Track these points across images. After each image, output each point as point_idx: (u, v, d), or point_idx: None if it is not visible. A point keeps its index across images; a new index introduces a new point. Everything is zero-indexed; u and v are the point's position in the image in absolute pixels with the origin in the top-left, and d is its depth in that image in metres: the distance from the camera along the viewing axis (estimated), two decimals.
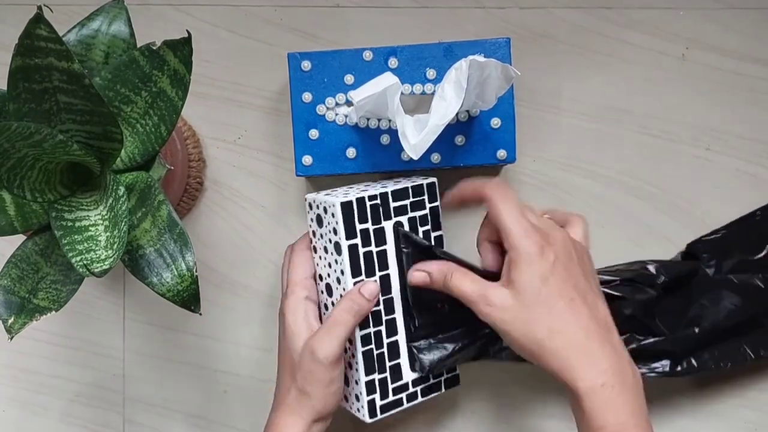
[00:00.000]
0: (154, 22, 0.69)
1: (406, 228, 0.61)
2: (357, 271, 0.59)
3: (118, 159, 0.53)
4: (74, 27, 0.54)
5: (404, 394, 0.62)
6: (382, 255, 0.60)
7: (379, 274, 0.60)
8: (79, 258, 0.47)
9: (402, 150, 0.63)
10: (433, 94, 0.61)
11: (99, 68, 0.54)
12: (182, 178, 0.66)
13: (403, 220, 0.61)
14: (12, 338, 0.53)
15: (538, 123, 0.70)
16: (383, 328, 0.60)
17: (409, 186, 0.61)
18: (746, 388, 0.69)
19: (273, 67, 0.69)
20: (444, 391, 0.64)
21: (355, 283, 0.59)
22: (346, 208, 0.58)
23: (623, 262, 0.67)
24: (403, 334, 0.61)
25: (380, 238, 0.60)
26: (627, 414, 0.51)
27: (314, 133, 0.64)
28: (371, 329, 0.60)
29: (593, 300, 0.55)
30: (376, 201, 0.59)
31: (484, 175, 0.69)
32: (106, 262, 0.47)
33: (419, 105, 0.64)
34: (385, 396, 0.61)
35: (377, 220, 0.59)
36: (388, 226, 0.60)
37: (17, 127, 0.43)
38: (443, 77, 0.56)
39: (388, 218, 0.60)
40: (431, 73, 0.63)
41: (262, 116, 0.70)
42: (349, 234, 0.58)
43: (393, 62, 0.63)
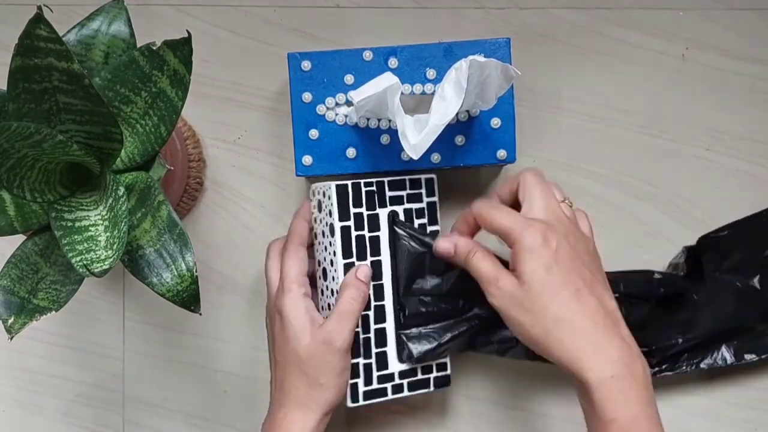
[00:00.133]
0: (154, 22, 0.69)
1: (402, 218, 0.62)
2: (348, 253, 0.60)
3: (118, 159, 0.53)
4: (74, 27, 0.54)
5: (389, 385, 0.62)
6: (375, 241, 0.61)
7: (371, 260, 0.61)
8: (79, 258, 0.47)
9: (402, 150, 0.63)
10: (433, 94, 0.61)
11: (99, 68, 0.54)
12: (182, 178, 0.66)
13: (399, 210, 0.62)
14: (12, 338, 0.53)
15: (538, 123, 0.69)
16: (371, 313, 0.61)
17: (407, 178, 0.62)
18: (746, 388, 0.69)
19: (273, 67, 0.69)
20: (433, 389, 0.64)
21: (345, 265, 0.60)
22: (340, 190, 0.60)
23: (625, 265, 0.67)
24: (391, 323, 0.62)
25: (374, 224, 0.61)
26: (638, 407, 0.51)
27: (314, 133, 0.64)
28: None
29: (601, 292, 0.54)
30: (372, 188, 0.61)
31: (484, 175, 0.69)
32: (106, 263, 0.47)
33: (419, 105, 0.64)
34: (369, 382, 0.62)
35: (372, 206, 0.61)
36: (383, 214, 0.61)
37: (17, 127, 0.43)
38: (443, 77, 0.56)
39: (383, 206, 0.61)
40: (431, 73, 0.63)
41: (262, 116, 0.70)
42: (342, 216, 0.60)
43: (393, 62, 0.63)
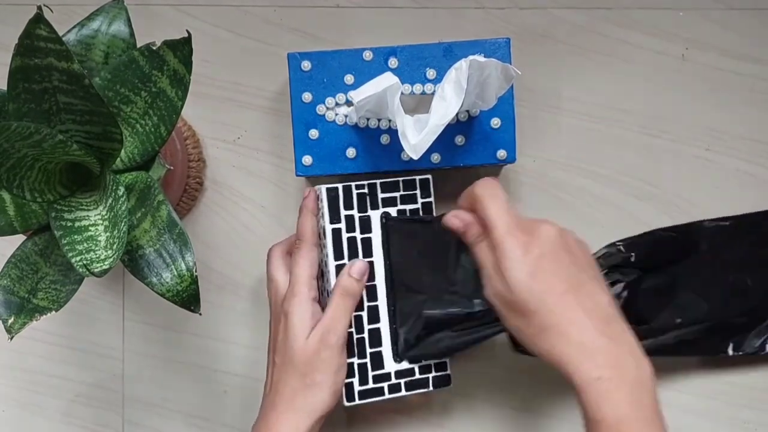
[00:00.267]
0: (154, 22, 0.69)
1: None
2: (339, 255, 0.61)
3: (118, 159, 0.53)
4: (74, 27, 0.54)
5: (386, 384, 0.62)
6: (367, 242, 0.61)
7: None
8: (78, 258, 0.47)
9: (402, 150, 0.63)
10: (433, 94, 0.61)
11: (99, 68, 0.54)
12: (182, 178, 0.66)
13: (392, 212, 0.62)
14: (12, 338, 0.53)
15: (538, 123, 0.69)
16: (364, 314, 0.61)
17: (400, 180, 0.62)
18: (746, 388, 0.69)
19: (273, 67, 0.69)
20: (432, 389, 0.63)
21: (336, 266, 0.60)
22: (331, 193, 0.61)
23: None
24: (386, 323, 0.62)
25: (366, 226, 0.61)
26: (626, 408, 0.51)
27: (314, 133, 0.64)
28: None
29: (590, 290, 0.54)
30: (363, 190, 0.61)
31: (484, 175, 0.69)
32: (106, 262, 0.47)
33: (419, 105, 0.64)
34: (364, 382, 0.62)
35: (363, 208, 0.61)
36: (375, 216, 0.62)
37: (17, 127, 0.43)
38: (443, 77, 0.56)
39: (375, 208, 0.62)
40: (431, 73, 0.63)
41: (261, 116, 0.70)
42: (333, 218, 0.61)
43: (393, 62, 0.63)
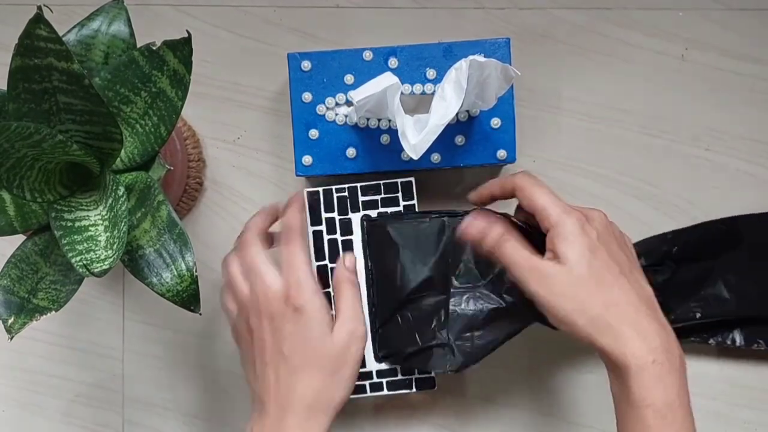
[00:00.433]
0: (154, 22, 0.69)
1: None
2: (321, 256, 0.63)
3: (118, 159, 0.53)
4: (74, 27, 0.54)
5: (367, 382, 0.63)
6: (348, 244, 0.63)
7: None
8: (78, 258, 0.47)
9: (402, 150, 0.63)
10: (433, 94, 0.61)
11: (99, 68, 0.54)
12: (182, 178, 0.66)
13: (373, 214, 0.63)
14: (12, 338, 0.53)
15: (538, 123, 0.69)
16: None
17: (381, 183, 0.63)
18: (746, 388, 0.69)
19: (273, 67, 0.69)
20: (416, 391, 0.64)
21: (317, 267, 0.62)
22: (311, 196, 0.63)
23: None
24: (367, 324, 0.62)
25: (347, 228, 0.63)
26: (674, 393, 0.51)
27: (314, 133, 0.64)
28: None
29: (637, 278, 0.55)
30: (344, 193, 0.63)
31: (484, 175, 0.69)
32: (106, 263, 0.47)
33: (419, 105, 0.64)
34: None
35: (344, 211, 0.63)
36: (356, 218, 0.63)
37: (17, 127, 0.43)
38: (443, 77, 0.56)
39: (356, 210, 0.63)
40: (431, 73, 0.63)
41: (261, 116, 0.70)
42: (314, 221, 0.63)
43: (393, 62, 0.63)
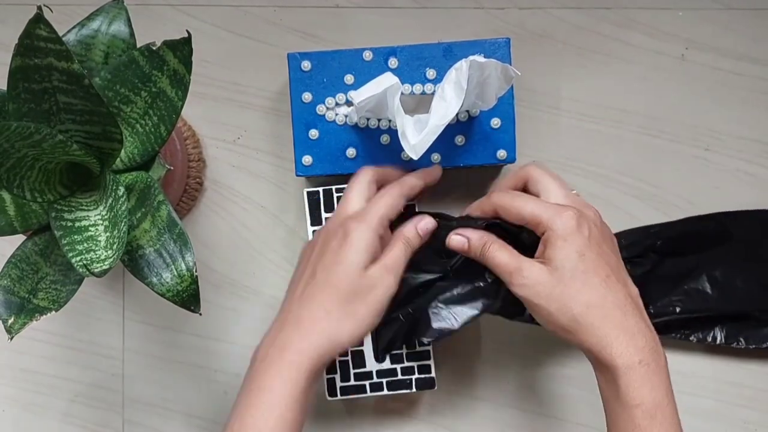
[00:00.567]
0: (154, 22, 0.69)
1: None
2: None
3: (118, 159, 0.53)
4: (74, 27, 0.54)
5: (367, 382, 0.64)
6: None
7: None
8: (78, 258, 0.47)
9: (402, 150, 0.63)
10: (433, 94, 0.61)
11: (99, 68, 0.54)
12: (182, 178, 0.66)
13: None
14: (12, 338, 0.53)
15: (538, 123, 0.70)
16: None
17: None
18: (746, 388, 0.69)
19: (273, 67, 0.69)
20: (416, 391, 0.65)
21: None
22: (311, 196, 0.64)
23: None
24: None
25: None
26: (662, 393, 0.51)
27: (314, 133, 0.64)
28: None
29: (625, 278, 0.55)
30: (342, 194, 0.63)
31: (484, 175, 0.69)
32: (106, 262, 0.47)
33: (419, 105, 0.64)
34: (346, 379, 0.64)
35: None
36: None
37: (17, 127, 0.43)
38: (443, 77, 0.56)
39: None
40: (431, 73, 0.63)
41: (262, 116, 0.70)
42: (314, 221, 0.64)
43: (393, 62, 0.63)
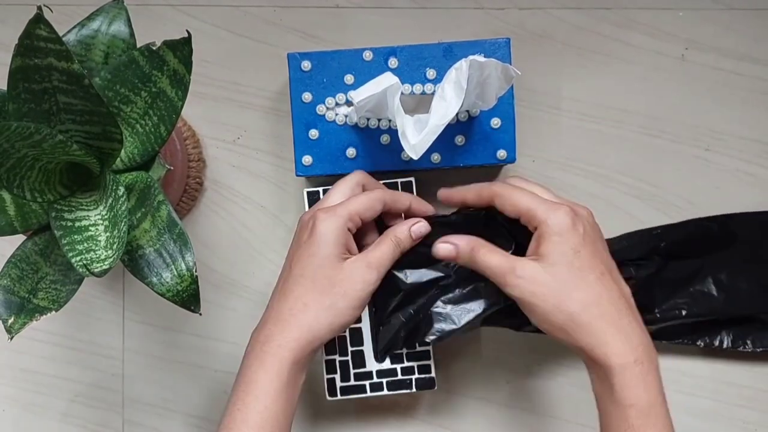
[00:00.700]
0: (154, 22, 0.69)
1: None
2: None
3: (118, 159, 0.53)
4: (74, 27, 0.54)
5: (367, 382, 0.64)
6: None
7: None
8: (78, 258, 0.47)
9: (402, 150, 0.63)
10: (433, 94, 0.61)
11: (99, 68, 0.54)
12: (182, 178, 0.66)
13: None
14: (12, 338, 0.53)
15: (538, 123, 0.70)
16: None
17: (381, 183, 0.63)
18: (746, 388, 0.69)
19: (273, 67, 0.69)
20: (416, 391, 0.65)
21: None
22: (311, 197, 0.65)
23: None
24: (367, 323, 0.63)
25: None
26: (656, 392, 0.51)
27: (314, 133, 0.64)
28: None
29: (618, 277, 0.55)
30: None
31: (484, 175, 0.69)
32: (106, 262, 0.47)
33: (419, 105, 0.64)
34: (346, 379, 0.64)
35: None
36: None
37: (17, 127, 0.43)
38: (443, 77, 0.56)
39: None
40: (431, 73, 0.63)
41: (261, 116, 0.70)
42: None
43: (393, 62, 0.63)
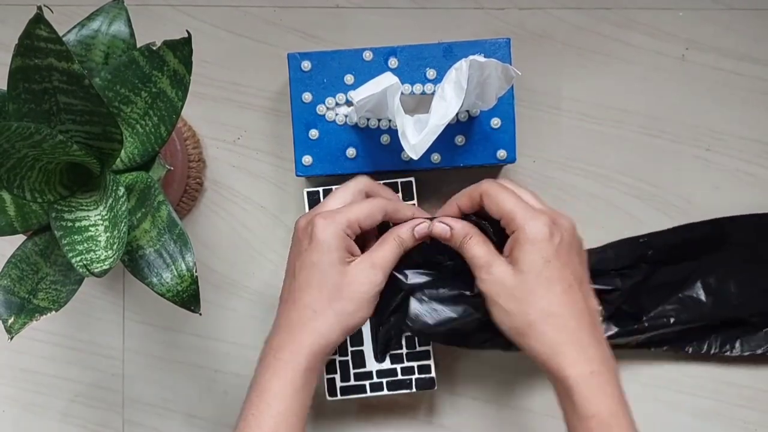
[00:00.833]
0: (154, 22, 0.69)
1: None
2: None
3: (118, 159, 0.53)
4: (74, 27, 0.54)
5: (367, 382, 0.65)
6: None
7: None
8: (79, 258, 0.47)
9: (402, 150, 0.63)
10: (433, 94, 0.61)
11: (99, 69, 0.54)
12: (182, 179, 0.66)
13: None
14: (12, 338, 0.53)
15: (538, 123, 0.70)
16: None
17: (381, 183, 0.62)
18: (746, 388, 0.69)
19: (273, 67, 0.69)
20: (415, 391, 0.65)
21: None
22: (311, 197, 0.65)
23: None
24: (367, 323, 0.62)
25: None
26: (617, 401, 0.51)
27: (314, 133, 0.64)
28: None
29: (587, 291, 0.55)
30: None
31: (484, 175, 0.69)
32: (106, 263, 0.47)
33: (419, 105, 0.64)
34: (346, 379, 0.65)
35: None
36: None
37: (17, 127, 0.43)
38: (443, 77, 0.56)
39: None
40: (431, 73, 0.63)
41: (261, 116, 0.70)
42: None
43: (393, 62, 0.63)
